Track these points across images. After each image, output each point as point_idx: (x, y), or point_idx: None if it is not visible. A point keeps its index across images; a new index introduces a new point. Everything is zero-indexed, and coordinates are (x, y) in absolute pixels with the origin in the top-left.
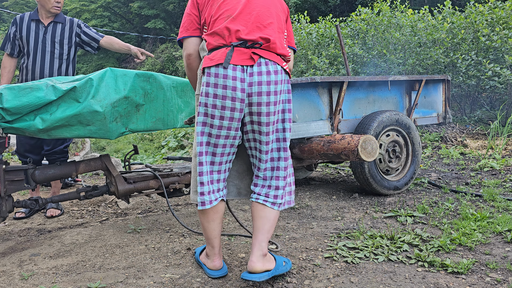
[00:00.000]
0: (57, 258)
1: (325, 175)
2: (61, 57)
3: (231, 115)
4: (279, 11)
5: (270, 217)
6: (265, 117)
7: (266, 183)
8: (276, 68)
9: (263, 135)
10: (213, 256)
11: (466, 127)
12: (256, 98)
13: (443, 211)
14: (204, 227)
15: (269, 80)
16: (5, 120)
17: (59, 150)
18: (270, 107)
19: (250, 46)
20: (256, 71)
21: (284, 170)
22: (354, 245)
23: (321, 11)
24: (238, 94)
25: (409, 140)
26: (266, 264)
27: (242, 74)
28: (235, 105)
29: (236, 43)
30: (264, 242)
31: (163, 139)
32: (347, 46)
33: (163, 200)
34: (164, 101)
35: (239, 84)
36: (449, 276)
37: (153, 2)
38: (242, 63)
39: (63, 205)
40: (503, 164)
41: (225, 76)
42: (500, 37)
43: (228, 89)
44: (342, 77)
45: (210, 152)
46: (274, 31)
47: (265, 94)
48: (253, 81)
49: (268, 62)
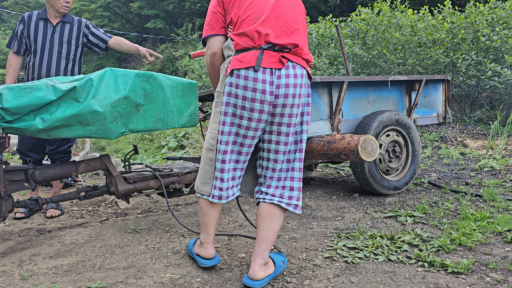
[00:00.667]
0: (57, 258)
1: (325, 175)
2: (68, 57)
3: (259, 117)
4: (302, 15)
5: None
6: (287, 118)
7: (280, 184)
8: (302, 72)
9: (283, 136)
10: (207, 244)
11: (466, 127)
12: (282, 100)
13: (443, 211)
14: (204, 213)
15: (295, 83)
16: (5, 120)
17: (62, 150)
18: (293, 109)
19: (279, 50)
20: (284, 73)
21: (299, 171)
22: (354, 245)
23: (321, 11)
24: (267, 97)
25: (409, 140)
26: (267, 271)
27: (271, 77)
28: (263, 108)
29: (265, 46)
30: (266, 252)
31: (163, 139)
32: (347, 46)
33: (163, 200)
34: (164, 101)
35: (268, 87)
36: (449, 276)
37: (153, 2)
38: (271, 66)
39: (63, 205)
40: (503, 164)
41: (255, 79)
42: (500, 37)
43: (258, 92)
44: (342, 77)
45: (236, 151)
46: (301, 36)
47: (291, 96)
48: (281, 83)
49: (296, 66)
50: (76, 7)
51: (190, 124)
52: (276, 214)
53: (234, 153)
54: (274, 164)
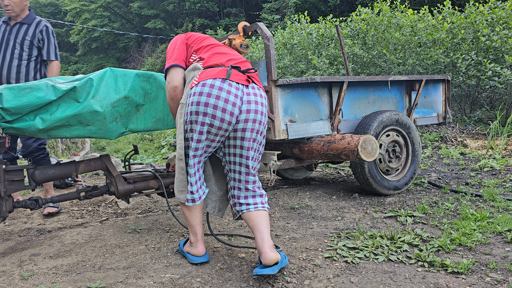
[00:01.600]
0: (57, 258)
1: (325, 175)
2: (21, 58)
3: (220, 125)
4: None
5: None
6: (256, 134)
7: (258, 193)
8: (262, 93)
9: (251, 151)
10: (196, 243)
11: (466, 127)
12: (253, 115)
13: (443, 211)
14: (187, 216)
15: (261, 102)
16: (5, 120)
17: (34, 149)
18: (261, 126)
19: (243, 71)
20: (252, 91)
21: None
22: (354, 245)
23: (321, 11)
24: (228, 107)
25: (409, 140)
26: (276, 254)
27: (237, 91)
28: (224, 116)
29: (234, 66)
30: (269, 235)
31: (163, 139)
32: (347, 46)
33: (163, 200)
34: (164, 101)
35: (232, 98)
36: (449, 276)
37: (153, 2)
38: (238, 81)
39: (63, 205)
40: (503, 164)
41: (221, 88)
42: (500, 37)
43: (220, 100)
44: (342, 77)
45: (198, 155)
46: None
47: (260, 113)
48: (251, 99)
49: (259, 88)
50: (76, 7)
51: None
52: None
53: (197, 157)
54: (247, 177)
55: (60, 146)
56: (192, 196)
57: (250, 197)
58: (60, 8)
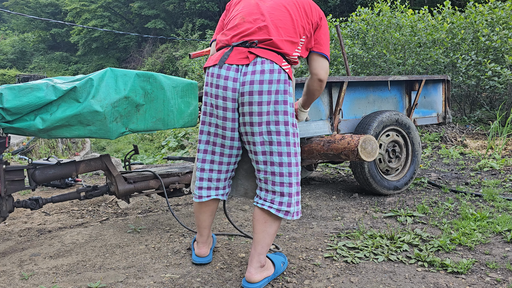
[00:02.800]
0: (57, 258)
1: (325, 175)
2: None
3: (224, 114)
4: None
5: (270, 231)
6: (257, 117)
7: (270, 188)
8: (273, 67)
9: (256, 136)
10: (200, 244)
11: (466, 127)
12: (248, 98)
13: (443, 211)
14: (196, 215)
15: (262, 79)
16: (5, 120)
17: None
18: (262, 106)
19: (249, 45)
20: (250, 70)
21: (288, 176)
22: (354, 245)
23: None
24: (228, 94)
25: (409, 140)
26: (264, 273)
27: (236, 73)
28: (226, 105)
29: (236, 43)
30: (262, 255)
31: (163, 139)
32: (347, 46)
33: (163, 200)
34: (164, 101)
35: (231, 83)
36: (449, 276)
37: (153, 2)
38: (237, 62)
39: (64, 205)
40: (503, 164)
41: (218, 75)
42: (500, 37)
43: (219, 89)
44: (342, 77)
45: (210, 150)
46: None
47: (256, 93)
48: (246, 80)
49: (265, 61)
50: (76, 7)
51: (190, 124)
52: (270, 218)
53: (209, 153)
54: (257, 166)
55: (60, 146)
56: (199, 192)
57: (263, 189)
58: (60, 8)
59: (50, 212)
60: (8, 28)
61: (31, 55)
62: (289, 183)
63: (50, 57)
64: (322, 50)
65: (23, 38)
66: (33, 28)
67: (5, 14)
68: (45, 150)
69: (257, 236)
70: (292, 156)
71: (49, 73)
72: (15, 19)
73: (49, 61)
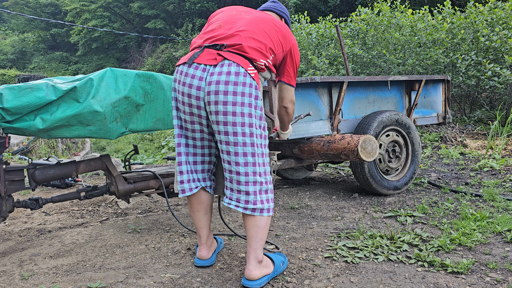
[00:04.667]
0: (57, 258)
1: (325, 175)
2: None
3: (190, 110)
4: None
5: (260, 224)
6: (223, 117)
7: (235, 187)
8: (238, 70)
9: (222, 135)
10: (200, 246)
11: (466, 127)
12: (214, 97)
13: (443, 211)
14: (191, 216)
15: (227, 80)
16: (5, 120)
17: None
18: (227, 106)
19: (219, 48)
20: (217, 71)
21: (253, 175)
22: (354, 245)
23: (321, 11)
24: (192, 91)
25: (409, 140)
26: (264, 270)
27: (203, 73)
28: (191, 101)
29: (208, 45)
30: (258, 249)
31: (163, 139)
32: (347, 46)
33: (163, 200)
34: (164, 101)
35: (196, 81)
36: (449, 276)
37: (153, 2)
38: (206, 62)
39: (64, 205)
40: (502, 164)
41: (186, 74)
42: (500, 37)
43: (185, 86)
44: (342, 77)
45: (184, 143)
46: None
47: (222, 93)
48: (212, 80)
49: (231, 64)
50: (76, 7)
51: None
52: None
53: (183, 146)
54: (223, 164)
55: (60, 146)
56: (182, 186)
57: (228, 188)
58: (60, 8)
59: (50, 212)
60: (8, 28)
61: (31, 55)
62: (254, 181)
63: (50, 57)
64: (290, 82)
65: (23, 38)
66: (33, 28)
67: (5, 14)
68: (45, 150)
69: (249, 232)
70: (257, 156)
71: (49, 73)
72: (15, 19)
73: (49, 61)
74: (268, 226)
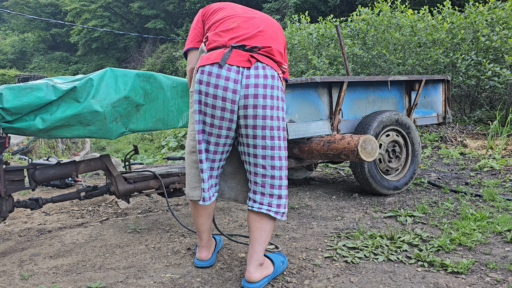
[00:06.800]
0: (57, 258)
1: (325, 175)
2: None
3: (222, 114)
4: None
5: (266, 228)
6: (261, 120)
7: (267, 191)
8: (273, 74)
9: (259, 139)
10: (200, 248)
11: (466, 127)
12: (253, 101)
13: (443, 211)
14: (194, 220)
15: (265, 84)
16: (5, 120)
17: None
18: (266, 110)
19: (248, 49)
20: (253, 73)
21: (285, 178)
22: (354, 245)
23: (321, 11)
24: (228, 95)
25: (409, 140)
26: (264, 272)
27: (237, 75)
28: (225, 105)
29: (235, 45)
30: (261, 252)
31: (163, 139)
32: (347, 46)
33: (163, 200)
34: (164, 101)
35: (232, 84)
36: (449, 276)
37: (153, 2)
38: (238, 64)
39: (64, 205)
40: (502, 164)
41: (218, 75)
42: (500, 37)
43: (219, 89)
44: (342, 77)
45: (204, 148)
46: (274, 40)
47: (261, 96)
48: (250, 83)
49: (266, 67)
50: (76, 7)
51: None
52: (266, 217)
53: (204, 152)
54: (255, 169)
55: (60, 146)
56: (204, 194)
57: (258, 193)
58: (60, 8)
59: (50, 212)
60: (8, 28)
61: (31, 55)
62: (285, 185)
63: (50, 57)
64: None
65: (23, 38)
66: (33, 28)
67: (5, 14)
68: (45, 150)
69: (254, 234)
70: (283, 160)
71: (49, 73)
72: (15, 19)
73: (49, 61)
74: (272, 229)
